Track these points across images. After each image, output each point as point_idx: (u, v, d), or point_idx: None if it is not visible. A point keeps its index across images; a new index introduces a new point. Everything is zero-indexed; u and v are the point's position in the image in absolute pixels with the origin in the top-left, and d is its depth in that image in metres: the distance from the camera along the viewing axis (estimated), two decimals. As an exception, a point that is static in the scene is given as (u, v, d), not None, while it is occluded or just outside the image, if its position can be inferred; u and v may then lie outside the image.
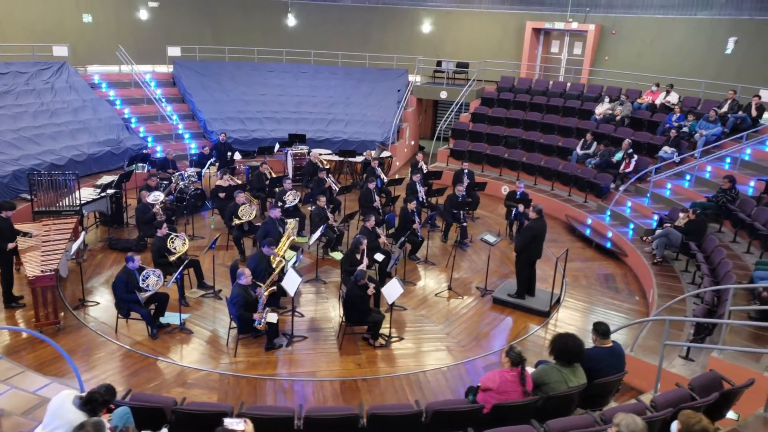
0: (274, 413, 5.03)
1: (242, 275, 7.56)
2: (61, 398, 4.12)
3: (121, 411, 4.56)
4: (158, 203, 10.33)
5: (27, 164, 12.24)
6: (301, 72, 19.47)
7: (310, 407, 5.31)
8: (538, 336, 8.65)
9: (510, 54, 20.00)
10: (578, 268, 11.17)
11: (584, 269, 11.13)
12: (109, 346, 7.80)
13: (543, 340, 8.47)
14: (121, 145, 14.47)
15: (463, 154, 16.33)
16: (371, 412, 5.08)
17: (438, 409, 5.22)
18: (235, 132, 16.36)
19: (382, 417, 5.08)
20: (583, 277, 10.79)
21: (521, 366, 5.33)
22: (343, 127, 17.58)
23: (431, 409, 5.23)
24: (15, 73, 15.08)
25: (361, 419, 5.07)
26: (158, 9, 19.95)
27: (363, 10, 21.67)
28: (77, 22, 18.34)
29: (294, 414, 5.05)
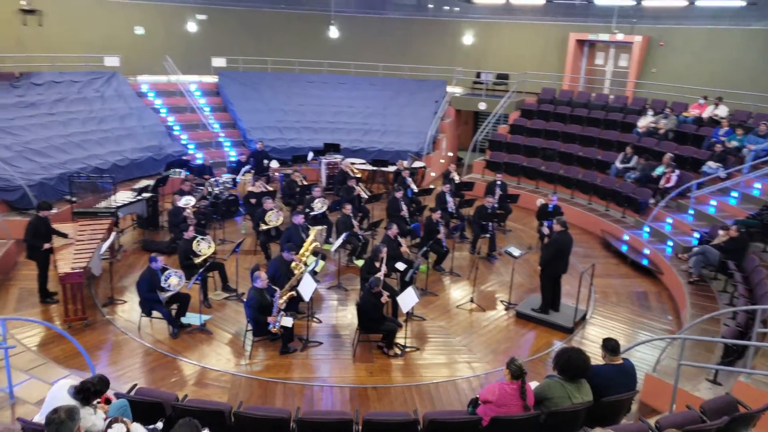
0: (270, 414, 5.09)
1: (258, 278, 7.71)
2: (59, 387, 4.31)
3: (118, 403, 4.72)
4: (189, 207, 10.65)
5: (73, 168, 12.86)
6: (340, 83, 19.76)
7: (306, 410, 5.34)
8: (559, 352, 8.41)
9: (552, 66, 19.71)
10: (609, 284, 10.84)
11: (616, 286, 10.79)
12: (132, 344, 8.08)
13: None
14: (162, 151, 15.02)
15: (499, 166, 16.12)
16: (366, 418, 5.08)
17: (435, 418, 5.17)
18: (273, 141, 16.72)
19: (377, 423, 5.07)
20: (614, 294, 10.46)
21: (522, 379, 5.22)
22: (379, 137, 17.71)
23: (428, 418, 5.19)
24: (69, 82, 15.92)
25: (355, 425, 5.07)
26: (206, 22, 20.67)
27: (404, 22, 21.84)
28: (129, 34, 19.21)
29: (290, 416, 5.11)
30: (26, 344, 7.45)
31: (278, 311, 7.74)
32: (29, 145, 12.99)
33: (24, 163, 12.31)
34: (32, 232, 8.72)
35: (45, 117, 14.29)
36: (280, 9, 21.64)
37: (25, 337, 7.85)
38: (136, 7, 19.29)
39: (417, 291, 8.11)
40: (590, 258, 11.98)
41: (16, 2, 16.86)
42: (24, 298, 9.13)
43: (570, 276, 9.47)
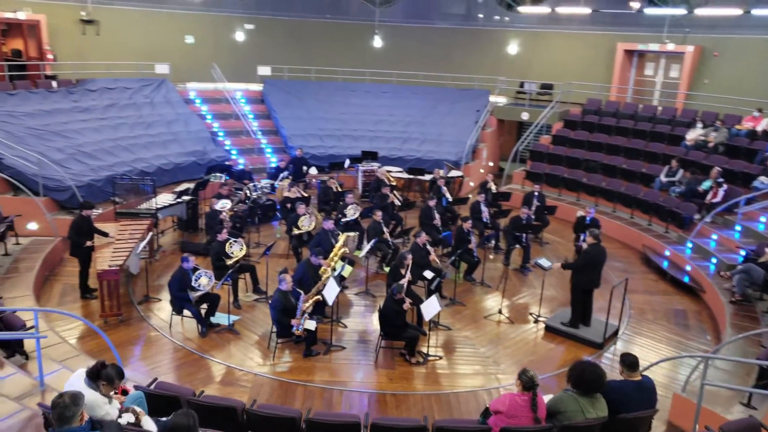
0: (280, 413, 5.20)
1: (283, 281, 7.89)
2: (77, 376, 4.55)
3: (134, 395, 4.93)
4: (226, 210, 10.98)
5: (120, 170, 13.45)
6: (382, 92, 19.96)
7: (317, 411, 5.43)
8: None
9: (599, 76, 19.35)
10: (647, 301, 10.54)
11: (653, 303, 10.48)
12: (162, 340, 8.39)
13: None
14: (206, 156, 15.53)
15: (539, 177, 15.96)
16: (375, 422, 5.13)
17: (444, 426, 5.18)
18: (313, 148, 17.04)
19: (385, 428, 5.12)
20: (651, 310, 10.16)
21: (533, 391, 5.17)
22: (418, 145, 17.78)
23: (437, 425, 5.20)
24: (121, 89, 16.70)
25: (364, 428, 5.13)
26: (254, 31, 21.31)
27: (449, 32, 21.91)
28: (180, 43, 20.01)
29: (300, 416, 5.21)
30: (64, 336, 7.83)
31: (302, 314, 7.88)
32: (81, 147, 13.67)
33: (74, 164, 12.96)
34: (75, 230, 9.19)
35: (97, 121, 15.01)
36: (326, 19, 22.09)
37: (65, 330, 8.26)
38: (188, 17, 20.07)
39: (440, 300, 8.10)
40: (628, 273, 11.68)
41: (77, 13, 17.83)
42: (66, 293, 9.61)
43: (605, 290, 9.26)
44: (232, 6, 20.97)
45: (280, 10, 21.64)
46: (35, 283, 9.10)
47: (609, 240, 13.52)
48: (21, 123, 13.47)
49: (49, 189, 11.84)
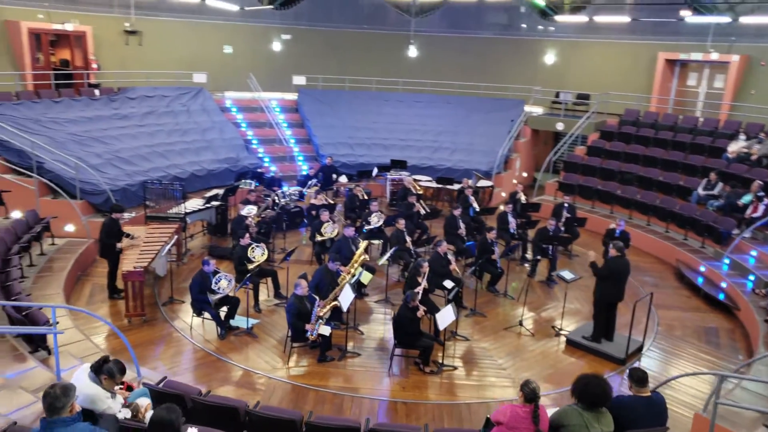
0: (280, 415, 5.28)
1: (298, 285, 8.02)
2: (82, 370, 4.73)
3: (139, 391, 5.09)
4: (251, 216, 11.22)
5: (154, 176, 13.91)
6: (415, 101, 20.05)
7: (318, 415, 5.49)
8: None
9: (639, 86, 18.96)
10: (677, 317, 10.24)
11: (683, 319, 10.16)
12: (182, 341, 8.61)
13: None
14: (239, 163, 15.91)
15: (572, 188, 15.76)
16: (373, 427, 5.15)
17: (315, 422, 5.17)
18: (343, 156, 17.24)
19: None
20: (680, 327, 9.86)
21: (535, 403, 5.10)
22: (449, 155, 17.77)
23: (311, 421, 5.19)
24: (159, 97, 17.30)
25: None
26: (290, 41, 21.77)
27: (485, 41, 21.86)
28: (218, 53, 20.59)
29: (300, 419, 5.28)
30: (88, 334, 8.12)
31: (317, 319, 7.97)
32: (118, 153, 14.21)
33: (111, 169, 13.47)
34: (106, 232, 9.56)
35: (135, 128, 15.58)
36: (363, 29, 22.37)
37: (90, 328, 8.57)
38: (227, 28, 20.64)
39: (460, 310, 8.09)
40: (660, 288, 11.41)
41: (121, 24, 18.58)
42: (95, 293, 9.98)
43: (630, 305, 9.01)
44: (271, 17, 21.45)
45: (318, 21, 22.03)
46: (66, 282, 9.48)
47: (642, 254, 13.26)
48: (63, 129, 14.10)
49: (85, 192, 12.34)
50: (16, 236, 9.52)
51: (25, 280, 9.19)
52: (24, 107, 14.13)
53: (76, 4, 17.72)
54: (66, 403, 3.61)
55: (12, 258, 8.62)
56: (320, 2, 21.74)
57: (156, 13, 19.35)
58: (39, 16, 17.04)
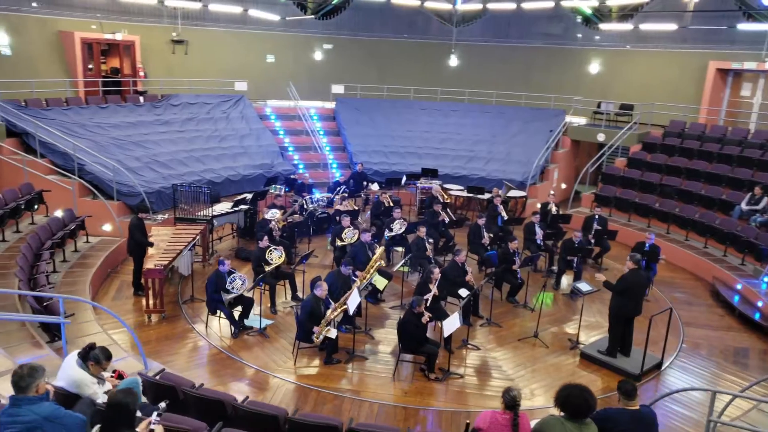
0: (264, 410, 5.44)
1: (319, 287, 8.23)
2: (71, 356, 5.03)
3: (129, 380, 5.36)
4: (275, 219, 11.54)
5: (190, 179, 14.46)
6: (453, 110, 20.09)
7: (302, 413, 5.62)
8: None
9: (687, 96, 18.39)
10: (705, 335, 9.88)
11: (712, 338, 9.79)
12: (196, 338, 8.95)
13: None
14: (273, 169, 16.36)
15: (608, 200, 15.43)
16: (352, 426, 5.25)
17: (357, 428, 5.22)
18: (376, 164, 17.45)
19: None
20: (707, 346, 9.51)
21: (515, 411, 5.10)
22: (483, 164, 17.71)
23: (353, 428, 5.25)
24: (201, 104, 18.01)
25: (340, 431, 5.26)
26: (332, 51, 22.24)
27: (527, 50, 21.72)
28: (261, 62, 21.26)
29: (284, 415, 5.44)
30: (106, 328, 8.54)
31: (327, 323, 8.12)
32: (156, 157, 14.89)
33: (148, 172, 14.13)
34: (139, 230, 10.02)
35: (175, 134, 16.28)
36: (403, 38, 22.63)
37: (111, 321, 9.01)
38: (270, 37, 21.30)
39: (461, 316, 8.10)
40: (692, 305, 11.08)
41: (168, 34, 19.48)
42: (122, 289, 10.49)
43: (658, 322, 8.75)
44: (313, 26, 22.01)
45: (359, 30, 22.44)
46: (94, 277, 10.01)
47: (677, 269, 12.89)
48: (107, 133, 14.90)
49: (122, 194, 13.00)
50: (51, 233, 10.12)
51: (56, 275, 9.78)
52: (72, 112, 15.02)
53: (127, 14, 18.71)
54: (31, 383, 3.84)
55: (43, 253, 9.18)
56: (362, 12, 22.14)
57: (202, 23, 20.18)
58: (92, 26, 18.08)
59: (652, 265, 11.23)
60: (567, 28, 21.46)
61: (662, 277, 12.39)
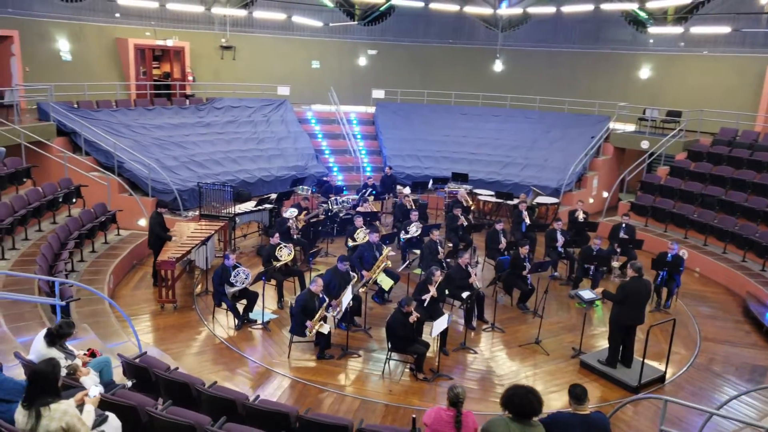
0: (225, 395, 5.70)
1: (314, 282, 8.50)
2: (41, 333, 5.47)
3: (101, 359, 5.76)
4: (293, 218, 11.92)
5: (223, 179, 15.12)
6: (493, 115, 19.94)
7: (263, 399, 5.82)
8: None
9: (744, 103, 17.52)
10: (722, 351, 9.45)
11: (730, 354, 9.34)
12: (200, 328, 9.38)
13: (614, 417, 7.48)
14: (306, 171, 16.81)
15: (645, 210, 14.92)
16: (306, 417, 5.43)
17: (367, 429, 5.33)
18: (408, 168, 17.61)
19: (313, 423, 5.39)
20: (722, 362, 9.08)
21: (458, 408, 5.15)
22: (519, 170, 17.49)
23: (363, 428, 5.37)
24: (243, 107, 18.74)
25: (294, 421, 5.45)
26: (376, 56, 22.60)
27: (574, 55, 21.32)
28: (306, 67, 21.88)
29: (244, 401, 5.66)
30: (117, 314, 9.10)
31: (319, 318, 8.35)
32: (194, 157, 15.63)
33: (184, 171, 14.86)
34: (159, 225, 10.63)
35: (214, 135, 17.03)
36: (448, 44, 22.71)
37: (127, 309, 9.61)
38: (316, 43, 21.91)
39: (450, 317, 8.13)
40: (719, 321, 10.65)
41: (217, 40, 20.40)
42: (144, 280, 11.12)
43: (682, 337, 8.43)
44: (358, 32, 22.47)
45: (403, 36, 22.69)
46: (117, 267, 10.68)
47: (710, 283, 12.40)
48: (149, 134, 15.78)
49: (156, 191, 13.75)
50: (81, 225, 10.87)
51: (83, 263, 10.50)
52: (120, 113, 16.01)
53: (179, 22, 19.76)
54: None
55: (68, 242, 9.88)
56: (407, 18, 22.42)
57: (250, 29, 21.02)
58: (146, 33, 19.22)
59: (675, 276, 10.81)
60: (616, 32, 20.90)
61: (692, 290, 11.91)
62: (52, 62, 17.23)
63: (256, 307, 9.63)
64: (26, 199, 10.78)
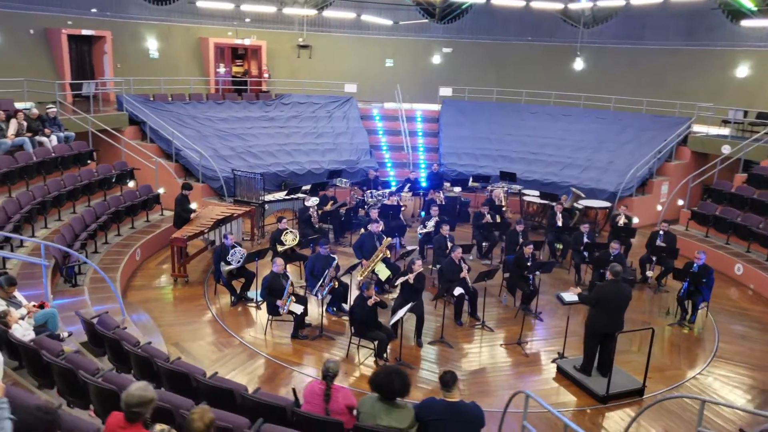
0: (179, 369, 6.13)
1: (275, 263, 8.91)
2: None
3: (48, 311, 6.52)
4: (313, 207, 12.42)
5: (273, 169, 16.03)
6: (564, 115, 19.18)
7: (213, 376, 6.19)
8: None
9: None
10: (733, 371, 8.55)
11: (740, 376, 8.44)
12: (199, 302, 10.11)
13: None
14: (356, 165, 17.28)
15: (707, 219, 13.72)
16: (248, 396, 5.74)
17: (257, 397, 5.60)
18: (462, 166, 17.49)
19: (254, 402, 5.69)
20: (725, 384, 8.24)
21: (327, 382, 5.30)
22: (579, 172, 16.72)
23: (257, 396, 5.65)
24: (310, 104, 19.60)
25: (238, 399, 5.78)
26: (450, 54, 22.59)
27: (662, 53, 19.97)
28: (380, 66, 22.39)
29: (195, 374, 6.08)
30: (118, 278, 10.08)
31: (288, 296, 8.75)
32: (250, 148, 16.69)
33: (237, 161, 15.92)
34: (180, 205, 11.62)
35: (275, 129, 18.02)
36: (527, 41, 22.17)
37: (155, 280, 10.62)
38: (391, 42, 22.37)
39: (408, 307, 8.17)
40: (746, 340, 9.67)
41: (293, 39, 21.52)
42: (171, 256, 12.14)
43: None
44: (434, 30, 22.61)
45: (480, 34, 22.50)
46: (148, 243, 11.78)
47: (761, 301, 11.24)
48: (213, 125, 17.08)
49: (206, 177, 14.90)
50: (122, 203, 12.10)
51: (118, 237, 11.69)
52: (190, 106, 17.48)
53: (261, 22, 21.09)
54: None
55: (102, 216, 11.09)
56: (484, 15, 22.22)
57: (327, 29, 21.93)
58: (228, 33, 20.74)
59: (701, 289, 9.92)
60: (712, 26, 19.27)
61: (736, 307, 10.89)
62: (141, 59, 19.13)
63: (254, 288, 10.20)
64: (79, 178, 12.19)
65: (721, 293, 11.37)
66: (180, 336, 8.82)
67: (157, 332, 8.58)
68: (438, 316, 9.60)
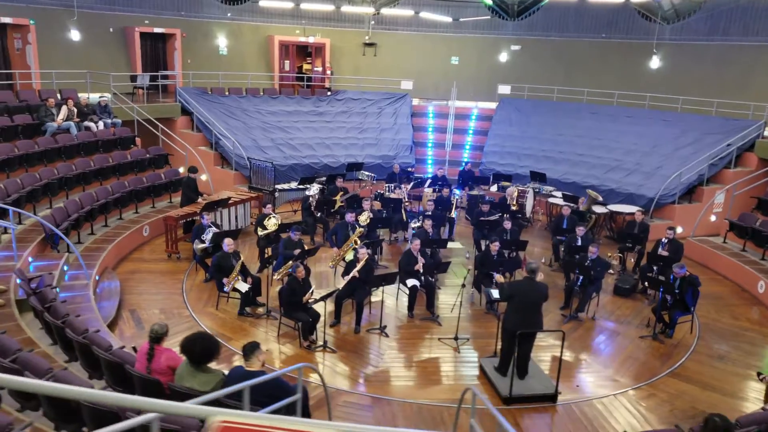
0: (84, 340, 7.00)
1: (225, 245, 9.44)
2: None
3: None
4: (312, 196, 12.88)
5: (307, 161, 16.71)
6: (626, 116, 17.99)
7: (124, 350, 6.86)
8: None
9: None
10: (686, 390, 7.80)
11: (693, 395, 7.68)
12: (177, 276, 10.91)
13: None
14: (392, 160, 17.45)
15: (745, 231, 12.38)
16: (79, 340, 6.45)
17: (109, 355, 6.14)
18: (501, 166, 17.11)
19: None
20: (665, 400, 7.53)
21: (151, 343, 5.68)
22: (622, 176, 15.68)
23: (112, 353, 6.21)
24: (363, 100, 20.08)
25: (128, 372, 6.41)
26: (518, 52, 21.99)
27: (751, 50, 18.04)
28: (446, 63, 22.33)
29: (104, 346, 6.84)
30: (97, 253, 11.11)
31: (236, 275, 9.26)
32: (291, 141, 17.49)
33: (274, 151, 16.78)
34: (187, 187, 12.60)
35: (321, 123, 18.69)
36: (600, 38, 21.03)
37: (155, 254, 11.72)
38: (457, 40, 22.24)
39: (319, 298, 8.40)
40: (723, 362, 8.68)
41: (356, 37, 22.14)
42: (182, 234, 13.15)
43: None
44: (503, 27, 22.13)
45: (551, 30, 21.69)
46: (159, 221, 12.79)
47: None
48: (260, 118, 18.11)
49: (240, 166, 15.89)
50: (140, 183, 13.32)
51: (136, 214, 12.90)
52: (244, 100, 18.66)
53: (327, 21, 21.96)
54: None
55: (119, 193, 12.33)
56: (556, 11, 21.39)
57: (393, 27, 22.28)
58: (296, 31, 21.83)
59: (687, 298, 9.06)
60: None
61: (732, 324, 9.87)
62: (211, 55, 20.70)
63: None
64: (110, 160, 13.60)
65: (729, 310, 10.27)
66: (139, 304, 9.64)
67: (116, 298, 9.43)
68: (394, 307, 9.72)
